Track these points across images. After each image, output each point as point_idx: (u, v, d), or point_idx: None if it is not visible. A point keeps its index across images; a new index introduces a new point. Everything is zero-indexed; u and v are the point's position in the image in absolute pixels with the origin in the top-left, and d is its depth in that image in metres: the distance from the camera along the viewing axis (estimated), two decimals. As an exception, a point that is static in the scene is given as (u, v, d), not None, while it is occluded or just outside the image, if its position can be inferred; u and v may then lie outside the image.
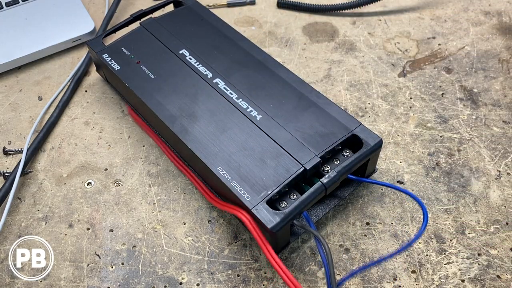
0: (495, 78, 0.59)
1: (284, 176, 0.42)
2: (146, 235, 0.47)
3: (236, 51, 0.54)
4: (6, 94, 0.61)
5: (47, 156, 0.54)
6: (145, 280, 0.44)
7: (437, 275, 0.43)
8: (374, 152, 0.45)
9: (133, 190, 0.51)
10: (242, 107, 0.48)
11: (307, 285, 0.43)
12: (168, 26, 0.58)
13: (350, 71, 0.61)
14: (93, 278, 0.45)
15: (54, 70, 0.64)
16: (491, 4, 0.69)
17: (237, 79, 0.51)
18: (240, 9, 0.71)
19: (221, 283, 0.44)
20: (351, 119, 0.46)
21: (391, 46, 0.64)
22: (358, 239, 0.46)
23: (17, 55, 0.63)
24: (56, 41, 0.64)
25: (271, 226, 0.39)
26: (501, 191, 0.49)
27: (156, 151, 0.54)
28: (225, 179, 0.43)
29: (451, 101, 0.57)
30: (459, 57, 0.62)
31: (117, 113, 0.58)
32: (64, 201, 0.50)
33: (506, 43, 0.64)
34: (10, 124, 0.58)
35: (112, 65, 0.54)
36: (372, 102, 0.57)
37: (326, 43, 0.65)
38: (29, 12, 0.68)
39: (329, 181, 0.42)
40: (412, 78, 0.60)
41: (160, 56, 0.54)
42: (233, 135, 0.46)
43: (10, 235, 0.48)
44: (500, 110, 0.56)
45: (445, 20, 0.68)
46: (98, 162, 0.53)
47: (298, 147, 0.44)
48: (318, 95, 0.49)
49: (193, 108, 0.49)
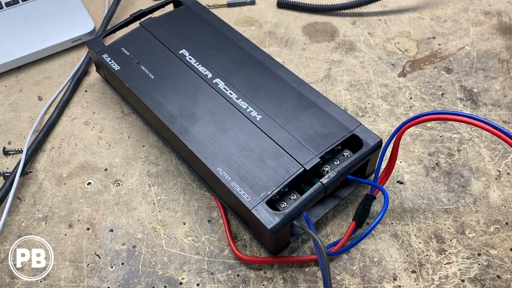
0: (495, 78, 0.59)
1: (284, 176, 0.42)
2: (146, 235, 0.47)
3: (236, 51, 0.54)
4: (6, 94, 0.61)
5: (47, 156, 0.54)
6: (145, 280, 0.44)
7: (437, 275, 0.43)
8: (374, 152, 0.45)
9: (133, 190, 0.51)
10: (242, 107, 0.48)
11: (307, 285, 0.43)
12: (168, 26, 0.58)
13: (350, 71, 0.61)
14: (93, 278, 0.45)
15: (54, 70, 0.64)
16: (491, 4, 0.69)
17: (237, 79, 0.51)
18: (240, 9, 0.71)
19: (221, 283, 0.44)
20: (351, 119, 0.46)
21: (391, 46, 0.64)
22: (358, 239, 0.46)
23: (17, 55, 0.63)
24: (56, 41, 0.64)
25: (271, 226, 0.39)
26: (501, 191, 0.49)
27: (156, 151, 0.54)
28: (225, 180, 0.43)
29: (451, 101, 0.57)
30: (459, 57, 0.62)
31: (117, 113, 0.58)
32: (64, 201, 0.50)
33: (506, 43, 0.64)
34: (10, 124, 0.58)
35: (112, 65, 0.54)
36: (372, 102, 0.57)
37: (326, 43, 0.65)
38: (29, 12, 0.68)
39: (329, 181, 0.42)
40: (412, 78, 0.60)
41: (160, 56, 0.54)
42: (233, 136, 0.46)
43: (10, 235, 0.48)
44: (500, 110, 0.56)
45: (445, 20, 0.68)
46: (98, 162, 0.53)
47: (298, 148, 0.44)
48: (318, 95, 0.49)
49: (193, 108, 0.49)
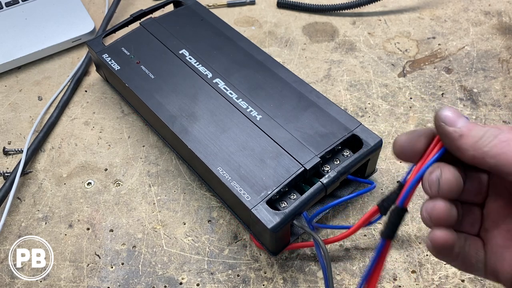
0: (495, 78, 0.59)
1: (284, 176, 0.42)
2: (146, 235, 0.47)
3: (236, 51, 0.54)
4: (6, 94, 0.61)
5: (47, 156, 0.54)
6: (145, 280, 0.44)
7: (437, 275, 0.43)
8: (374, 152, 0.45)
9: (133, 190, 0.51)
10: (242, 107, 0.48)
11: (307, 285, 0.43)
12: (168, 26, 0.58)
13: (350, 71, 0.61)
14: (93, 278, 0.45)
15: (54, 70, 0.64)
16: (491, 4, 0.69)
17: (237, 79, 0.51)
18: (240, 9, 0.71)
19: (221, 283, 0.44)
20: (351, 119, 0.46)
21: (391, 46, 0.64)
22: (358, 239, 0.46)
23: (17, 55, 0.63)
24: (56, 41, 0.64)
25: (271, 226, 0.39)
26: (501, 191, 0.49)
27: (156, 151, 0.54)
28: (225, 179, 0.43)
29: (451, 101, 0.57)
30: (459, 57, 0.62)
31: (117, 113, 0.58)
32: (64, 201, 0.50)
33: (506, 43, 0.64)
34: (10, 124, 0.58)
35: (112, 65, 0.54)
36: (372, 102, 0.57)
37: (326, 43, 0.65)
38: (29, 12, 0.68)
39: (329, 181, 0.42)
40: (412, 78, 0.60)
41: (160, 56, 0.54)
42: (233, 135, 0.46)
43: (10, 235, 0.48)
44: (500, 110, 0.56)
45: (445, 20, 0.68)
46: (98, 162, 0.53)
47: (298, 147, 0.44)
48: (318, 95, 0.49)
49: (193, 108, 0.49)
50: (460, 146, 0.26)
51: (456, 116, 0.26)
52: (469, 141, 0.25)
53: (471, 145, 0.25)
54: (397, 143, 0.28)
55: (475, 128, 0.25)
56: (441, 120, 0.26)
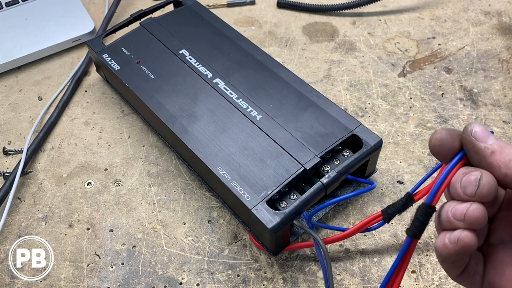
0: (495, 78, 0.59)
1: (284, 176, 0.42)
2: (146, 235, 0.47)
3: (236, 51, 0.54)
4: (6, 94, 0.61)
5: (47, 156, 0.54)
6: (145, 280, 0.44)
7: (437, 275, 0.43)
8: (374, 152, 0.45)
9: (133, 190, 0.51)
10: (242, 107, 0.48)
11: (307, 285, 0.43)
12: (168, 26, 0.58)
13: (350, 71, 0.61)
14: (93, 278, 0.45)
15: (54, 70, 0.64)
16: (491, 4, 0.69)
17: (237, 79, 0.51)
18: (240, 9, 0.71)
19: (221, 283, 0.44)
20: (351, 119, 0.47)
21: (391, 46, 0.64)
22: (358, 239, 0.46)
23: (17, 55, 0.63)
24: (56, 41, 0.64)
25: (271, 226, 0.39)
26: (501, 191, 0.49)
27: (156, 151, 0.54)
28: (225, 179, 0.43)
29: (451, 101, 0.57)
30: (459, 57, 0.62)
31: (117, 113, 0.58)
32: (64, 201, 0.50)
33: (506, 43, 0.64)
34: (10, 124, 0.58)
35: (112, 65, 0.54)
36: (372, 102, 0.57)
37: (326, 43, 0.65)
38: (29, 12, 0.68)
39: (329, 181, 0.42)
40: (412, 78, 0.60)
41: (160, 56, 0.54)
42: (233, 135, 0.46)
43: (10, 235, 0.48)
44: (500, 110, 0.56)
45: (445, 20, 0.68)
46: (98, 162, 0.53)
47: (298, 147, 0.44)
48: (318, 95, 0.49)
49: (193, 108, 0.49)
50: (492, 163, 0.26)
51: (487, 132, 0.26)
52: (502, 159, 0.25)
53: (504, 163, 0.25)
54: (437, 136, 0.28)
55: (507, 146, 0.26)
56: (471, 136, 0.26)
